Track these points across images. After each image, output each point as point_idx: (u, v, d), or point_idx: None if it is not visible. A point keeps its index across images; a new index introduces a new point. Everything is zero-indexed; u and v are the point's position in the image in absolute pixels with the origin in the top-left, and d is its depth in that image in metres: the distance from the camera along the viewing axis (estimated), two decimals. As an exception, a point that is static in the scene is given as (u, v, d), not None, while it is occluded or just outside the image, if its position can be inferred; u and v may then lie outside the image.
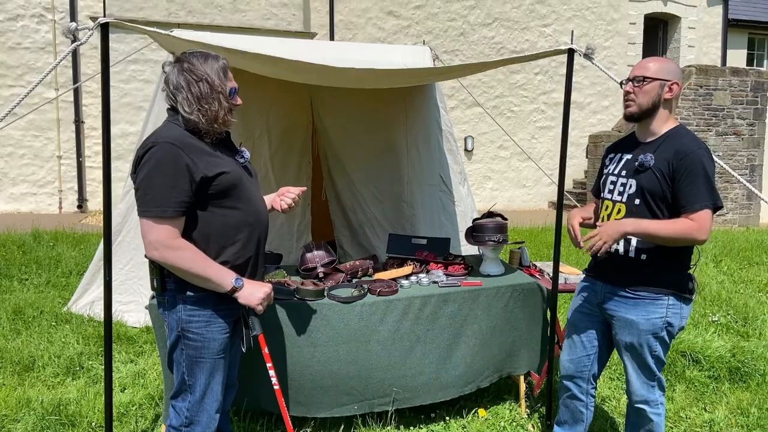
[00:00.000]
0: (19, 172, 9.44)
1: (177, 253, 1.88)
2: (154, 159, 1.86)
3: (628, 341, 2.34)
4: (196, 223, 1.95)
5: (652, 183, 2.23)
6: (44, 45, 9.35)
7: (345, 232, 4.68)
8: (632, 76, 2.32)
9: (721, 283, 5.90)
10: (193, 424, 2.04)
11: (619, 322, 2.36)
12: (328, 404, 2.78)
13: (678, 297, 2.27)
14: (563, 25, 11.77)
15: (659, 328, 2.27)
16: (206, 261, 1.93)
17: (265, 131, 4.35)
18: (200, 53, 2.00)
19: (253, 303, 2.00)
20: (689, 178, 2.15)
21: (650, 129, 2.32)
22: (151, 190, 1.86)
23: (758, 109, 11.10)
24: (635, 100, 2.29)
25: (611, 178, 2.42)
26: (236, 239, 2.01)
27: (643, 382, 2.38)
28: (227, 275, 1.96)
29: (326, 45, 5.57)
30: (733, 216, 11.13)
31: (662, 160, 2.22)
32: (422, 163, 4.80)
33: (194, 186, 1.89)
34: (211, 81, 1.93)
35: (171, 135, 1.91)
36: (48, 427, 2.92)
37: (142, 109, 8.81)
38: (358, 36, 10.62)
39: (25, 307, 4.57)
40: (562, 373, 2.66)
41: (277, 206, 2.35)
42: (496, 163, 11.71)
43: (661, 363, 2.36)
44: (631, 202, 2.30)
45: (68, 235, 7.13)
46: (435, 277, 3.06)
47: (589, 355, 2.54)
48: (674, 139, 2.24)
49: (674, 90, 2.27)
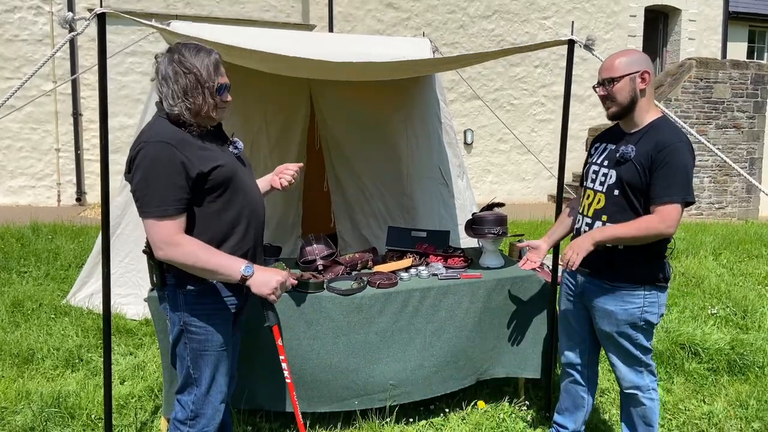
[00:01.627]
0: (18, 164, 9.40)
1: (180, 249, 1.86)
2: (148, 159, 1.84)
3: (608, 331, 2.38)
4: (194, 219, 1.94)
5: (632, 174, 2.24)
6: (41, 37, 9.29)
7: (347, 223, 4.67)
8: (601, 79, 2.32)
9: (721, 275, 5.90)
10: (199, 416, 2.04)
11: (598, 312, 2.40)
12: (328, 398, 2.78)
13: (653, 286, 2.30)
14: (563, 18, 11.71)
15: (637, 317, 2.31)
16: (211, 252, 1.90)
17: (263, 126, 4.33)
18: (193, 45, 1.96)
19: (265, 292, 1.96)
20: (664, 170, 2.16)
21: (634, 120, 2.33)
22: (148, 191, 1.84)
23: (758, 102, 11.07)
24: (614, 101, 2.29)
25: (594, 167, 2.44)
26: (234, 232, 2.00)
27: (629, 368, 2.41)
28: (235, 264, 1.93)
29: (325, 37, 5.55)
30: (732, 209, 11.12)
31: (643, 151, 2.23)
32: (422, 156, 4.78)
33: (190, 182, 1.88)
34: (198, 74, 1.89)
35: (161, 133, 1.89)
36: (47, 419, 2.92)
37: (140, 101, 8.77)
38: (357, 28, 10.56)
39: (24, 300, 4.56)
40: (562, 361, 2.69)
41: (276, 185, 2.35)
42: (496, 156, 11.69)
43: (647, 350, 2.39)
44: (610, 193, 2.32)
45: (67, 228, 7.12)
46: (434, 269, 3.05)
47: (584, 339, 2.58)
48: (656, 131, 2.25)
49: (647, 78, 2.27)
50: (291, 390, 2.22)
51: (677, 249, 6.69)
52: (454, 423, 3.02)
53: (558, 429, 2.74)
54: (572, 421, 2.69)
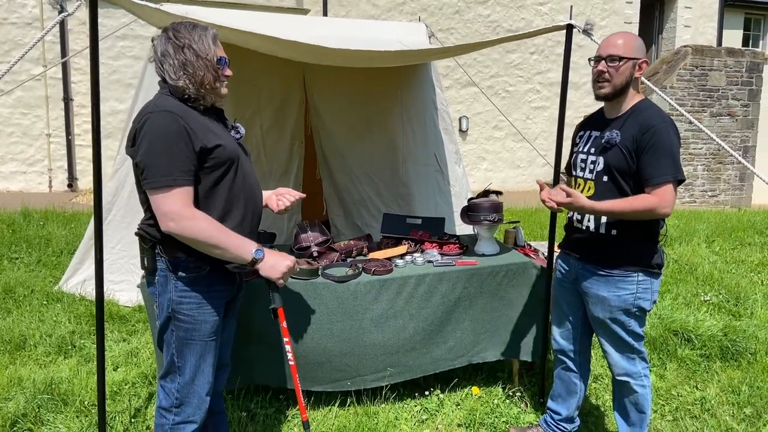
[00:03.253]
0: (8, 150, 9.29)
1: (193, 222, 1.81)
2: (154, 129, 1.80)
3: (601, 317, 2.38)
4: (195, 198, 1.89)
5: (618, 159, 2.24)
6: (31, 20, 9.14)
7: (339, 212, 4.65)
8: (606, 54, 2.25)
9: (714, 263, 5.93)
10: (184, 405, 2.01)
11: (591, 298, 2.40)
12: (322, 379, 2.80)
13: (647, 272, 2.30)
14: (559, 4, 11.62)
15: (630, 304, 2.31)
16: (224, 230, 1.87)
17: (257, 111, 4.28)
18: (189, 23, 1.95)
19: (274, 276, 1.96)
20: (651, 151, 2.16)
21: (619, 106, 2.32)
22: (156, 160, 1.80)
23: (753, 90, 11.08)
24: (610, 80, 2.25)
25: (581, 156, 2.44)
26: (232, 216, 1.97)
27: (621, 355, 2.41)
28: (247, 245, 1.90)
29: (319, 21, 5.48)
30: (725, 197, 11.17)
31: (628, 136, 2.22)
32: (417, 143, 4.75)
33: (195, 154, 1.84)
34: (196, 48, 1.88)
35: (166, 104, 1.86)
36: (40, 405, 2.90)
37: (132, 86, 8.65)
38: (351, 13, 10.46)
39: (16, 286, 4.53)
40: (554, 347, 2.70)
41: (273, 205, 2.30)
42: (491, 143, 11.66)
43: (639, 337, 2.39)
44: (599, 179, 2.31)
45: (58, 214, 7.06)
46: (430, 256, 3.04)
47: (576, 327, 2.58)
48: (639, 114, 2.24)
49: (643, 68, 2.27)
50: (294, 372, 2.22)
51: (670, 236, 6.72)
52: (448, 408, 3.03)
53: (551, 415, 2.75)
54: (565, 407, 2.70)
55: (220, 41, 1.98)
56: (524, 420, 2.97)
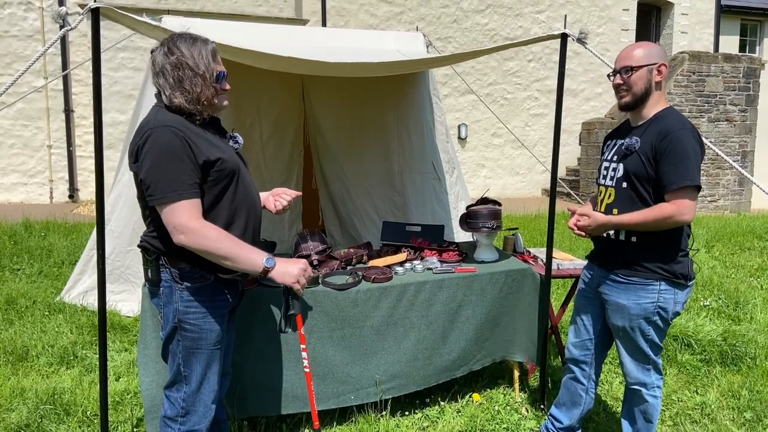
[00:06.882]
0: (9, 161, 9.34)
1: (204, 233, 1.82)
2: (157, 145, 1.82)
3: (620, 325, 2.36)
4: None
5: (637, 166, 2.25)
6: (32, 33, 9.22)
7: (335, 221, 4.67)
8: (619, 67, 2.32)
9: (713, 268, 5.94)
10: (189, 414, 2.02)
11: (611, 306, 2.39)
12: (325, 395, 2.77)
13: (670, 282, 2.27)
14: (557, 11, 11.72)
15: (651, 312, 2.28)
16: (235, 241, 1.89)
17: (256, 121, 4.32)
18: (189, 36, 1.96)
19: (288, 281, 1.96)
20: (669, 157, 2.16)
21: (642, 114, 2.34)
22: (162, 176, 1.81)
23: (750, 95, 11.13)
24: (629, 90, 2.30)
25: (605, 164, 2.46)
26: (235, 226, 1.99)
27: (637, 364, 2.40)
28: (258, 255, 1.91)
29: (318, 32, 5.52)
30: (725, 202, 11.20)
31: (647, 142, 2.24)
32: (414, 152, 4.78)
33: (198, 168, 1.86)
34: (194, 64, 1.89)
35: (166, 119, 1.87)
36: (43, 416, 2.91)
37: (132, 97, 8.72)
38: (350, 23, 10.54)
39: (18, 297, 4.54)
40: (567, 356, 2.68)
41: (270, 206, 2.31)
42: (490, 150, 11.70)
43: (657, 347, 2.37)
44: (619, 186, 2.33)
45: (60, 225, 7.08)
46: (429, 263, 3.06)
47: (592, 338, 2.57)
48: (660, 121, 2.26)
49: (663, 71, 2.28)
50: (309, 380, 2.22)
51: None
52: (449, 416, 3.04)
53: (552, 421, 2.75)
54: (568, 417, 2.69)
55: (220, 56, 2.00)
56: (525, 426, 2.97)
